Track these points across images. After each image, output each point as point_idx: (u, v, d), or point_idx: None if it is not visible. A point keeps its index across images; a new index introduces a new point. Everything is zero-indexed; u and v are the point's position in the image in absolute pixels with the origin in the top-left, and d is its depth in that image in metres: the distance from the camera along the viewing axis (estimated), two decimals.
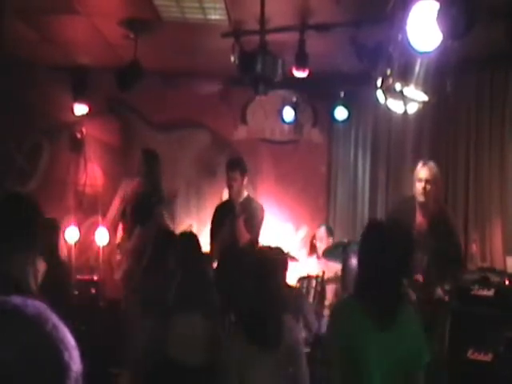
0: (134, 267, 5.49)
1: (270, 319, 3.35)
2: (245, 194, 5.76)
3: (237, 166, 5.62)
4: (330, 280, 5.97)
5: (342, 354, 2.98)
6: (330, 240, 6.59)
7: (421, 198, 5.04)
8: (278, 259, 4.30)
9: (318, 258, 6.52)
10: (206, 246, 6.02)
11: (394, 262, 3.07)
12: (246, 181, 5.66)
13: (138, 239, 5.85)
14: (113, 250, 7.29)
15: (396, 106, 4.75)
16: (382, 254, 3.07)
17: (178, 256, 4.45)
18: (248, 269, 3.63)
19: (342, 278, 5.63)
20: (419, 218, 5.09)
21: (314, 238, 6.86)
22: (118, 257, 6.32)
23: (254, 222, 5.53)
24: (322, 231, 6.69)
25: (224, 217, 5.56)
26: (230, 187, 5.64)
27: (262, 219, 5.65)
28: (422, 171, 5.12)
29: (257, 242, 5.56)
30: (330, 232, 6.70)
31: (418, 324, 3.14)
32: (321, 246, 6.55)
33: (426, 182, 5.07)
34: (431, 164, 5.18)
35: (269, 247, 4.72)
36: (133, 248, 5.80)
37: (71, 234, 7.43)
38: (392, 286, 3.07)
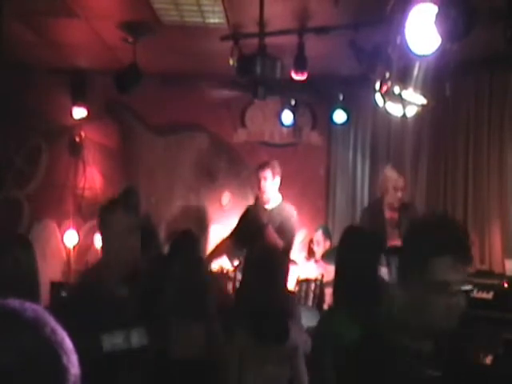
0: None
1: (272, 316, 3.35)
2: (279, 198, 5.72)
3: (267, 166, 5.61)
4: (329, 283, 5.94)
5: (331, 358, 3.03)
6: (328, 243, 6.57)
7: (395, 197, 5.77)
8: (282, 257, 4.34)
9: (317, 261, 6.51)
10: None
11: (369, 264, 3.16)
12: (277, 183, 5.62)
13: None
14: None
15: (395, 109, 4.76)
16: (357, 257, 3.15)
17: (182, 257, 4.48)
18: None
19: None
20: (389, 214, 5.79)
21: (311, 241, 6.84)
22: None
23: (286, 229, 5.45)
24: (319, 234, 6.67)
25: (251, 224, 5.50)
26: (259, 188, 5.60)
27: (295, 226, 5.59)
28: (392, 173, 5.92)
29: (289, 250, 5.52)
30: (327, 235, 6.68)
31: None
32: (318, 250, 6.54)
33: (398, 185, 5.81)
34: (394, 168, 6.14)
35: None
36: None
37: (70, 238, 7.43)
38: (369, 286, 3.12)
